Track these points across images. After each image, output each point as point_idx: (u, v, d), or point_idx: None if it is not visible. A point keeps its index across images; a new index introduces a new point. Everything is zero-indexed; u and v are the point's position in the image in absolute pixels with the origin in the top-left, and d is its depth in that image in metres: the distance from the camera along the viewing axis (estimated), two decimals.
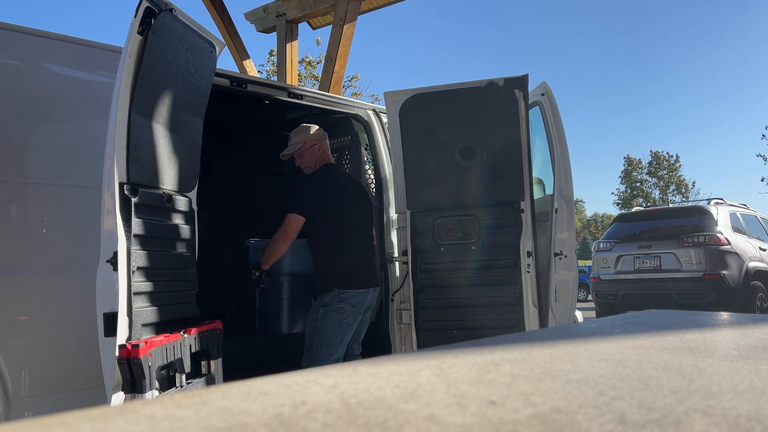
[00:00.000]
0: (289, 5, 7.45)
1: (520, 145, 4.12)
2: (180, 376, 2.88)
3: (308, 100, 4.44)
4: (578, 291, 5.45)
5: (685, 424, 0.65)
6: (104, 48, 3.53)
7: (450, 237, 4.31)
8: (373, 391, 0.82)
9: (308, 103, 4.45)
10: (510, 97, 4.15)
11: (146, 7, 2.75)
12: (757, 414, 0.69)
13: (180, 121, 3.09)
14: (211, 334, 3.15)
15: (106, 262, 2.60)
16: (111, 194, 2.63)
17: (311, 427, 0.65)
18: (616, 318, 1.86)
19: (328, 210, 3.69)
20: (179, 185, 3.10)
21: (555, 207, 4.41)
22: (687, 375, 0.91)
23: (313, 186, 3.78)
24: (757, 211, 11.31)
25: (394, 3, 7.54)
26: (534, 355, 1.11)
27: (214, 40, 3.37)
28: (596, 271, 10.54)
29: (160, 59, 2.86)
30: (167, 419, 0.67)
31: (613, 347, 1.20)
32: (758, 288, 9.59)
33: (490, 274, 4.21)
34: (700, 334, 1.40)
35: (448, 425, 0.65)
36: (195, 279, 3.18)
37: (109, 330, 2.56)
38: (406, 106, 4.33)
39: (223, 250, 5.45)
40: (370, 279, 3.82)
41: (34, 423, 0.66)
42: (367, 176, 4.70)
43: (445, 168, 4.29)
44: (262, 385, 0.84)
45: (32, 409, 3.09)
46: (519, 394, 0.79)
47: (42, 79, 3.37)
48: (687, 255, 9.47)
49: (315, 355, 3.58)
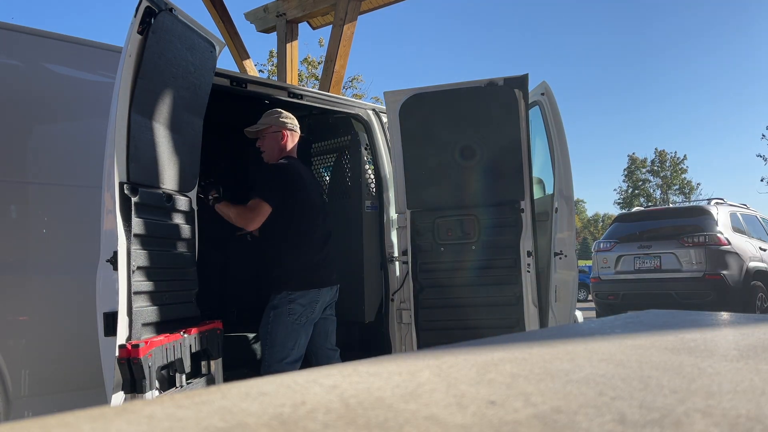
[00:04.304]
0: (289, 5, 7.45)
1: (520, 145, 4.12)
2: (180, 376, 2.88)
3: (308, 100, 4.44)
4: (578, 291, 5.45)
5: (685, 424, 0.65)
6: (104, 48, 3.53)
7: (450, 237, 4.31)
8: (373, 391, 0.82)
9: (308, 102, 4.45)
10: (510, 97, 4.15)
11: (146, 7, 2.75)
12: (757, 414, 0.69)
13: (180, 120, 3.09)
14: (211, 334, 3.15)
15: (106, 262, 2.60)
16: (111, 194, 2.63)
17: (311, 427, 0.65)
18: (616, 318, 1.86)
19: (287, 207, 3.55)
20: (179, 185, 3.10)
21: (555, 207, 4.41)
22: (687, 375, 0.91)
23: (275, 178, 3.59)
24: (757, 211, 11.31)
25: (394, 3, 7.54)
26: (534, 355, 1.11)
27: (214, 40, 3.37)
28: (596, 271, 10.53)
29: (160, 59, 2.86)
30: (167, 419, 0.67)
31: (613, 347, 1.20)
32: (758, 288, 9.58)
33: (490, 274, 4.21)
34: (700, 334, 1.40)
35: (448, 425, 0.65)
36: (195, 279, 3.17)
37: (109, 330, 2.56)
38: (406, 106, 4.33)
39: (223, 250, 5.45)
40: (323, 278, 3.64)
41: (34, 423, 0.66)
42: (367, 176, 4.69)
43: (445, 168, 4.29)
44: (262, 385, 0.84)
45: (32, 409, 3.09)
46: (519, 394, 0.79)
47: (42, 79, 3.37)
48: (687, 255, 9.47)
49: (269, 359, 3.45)
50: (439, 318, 4.24)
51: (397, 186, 4.44)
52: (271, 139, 3.72)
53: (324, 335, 3.74)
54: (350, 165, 4.83)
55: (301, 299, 3.48)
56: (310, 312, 3.53)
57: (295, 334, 3.49)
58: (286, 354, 3.46)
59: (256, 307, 4.25)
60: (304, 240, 3.62)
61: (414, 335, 4.26)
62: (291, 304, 3.47)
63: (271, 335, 3.47)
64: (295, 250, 3.60)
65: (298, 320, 3.48)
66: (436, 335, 4.18)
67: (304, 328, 3.52)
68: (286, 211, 3.55)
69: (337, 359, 3.79)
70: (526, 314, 4.13)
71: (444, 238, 4.31)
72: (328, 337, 3.77)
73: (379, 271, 4.59)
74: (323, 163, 5.36)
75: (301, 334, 3.51)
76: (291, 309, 3.46)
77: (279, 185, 3.55)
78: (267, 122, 3.73)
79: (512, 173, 4.17)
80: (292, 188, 3.57)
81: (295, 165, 3.70)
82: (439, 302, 4.25)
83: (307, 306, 3.50)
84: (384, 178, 4.63)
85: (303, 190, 3.62)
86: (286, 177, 3.59)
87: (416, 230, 4.34)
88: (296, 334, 3.49)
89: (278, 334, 3.46)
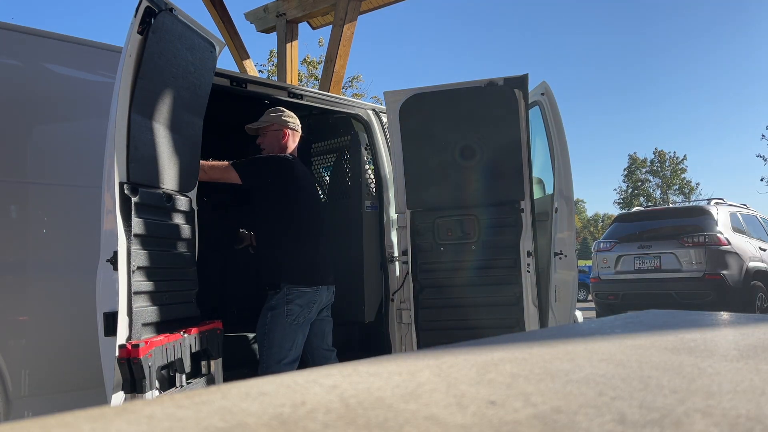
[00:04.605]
0: (289, 5, 7.45)
1: (520, 145, 4.12)
2: (180, 376, 2.88)
3: (308, 100, 4.44)
4: (578, 291, 5.45)
5: (685, 424, 0.65)
6: (104, 48, 3.53)
7: (450, 237, 4.31)
8: (373, 391, 0.82)
9: (308, 102, 4.45)
10: (510, 97, 4.15)
11: (146, 7, 2.76)
12: (757, 414, 0.69)
13: (180, 120, 3.09)
14: (211, 334, 3.15)
15: (106, 262, 2.60)
16: (111, 194, 2.63)
17: (311, 427, 0.65)
18: (616, 318, 1.86)
19: (279, 196, 3.54)
20: (179, 185, 3.10)
21: (555, 207, 4.41)
22: (687, 375, 0.91)
23: (266, 161, 3.61)
24: (757, 211, 11.31)
25: (394, 3, 7.54)
26: (534, 355, 1.11)
27: (214, 39, 3.37)
28: (596, 271, 10.53)
29: (160, 59, 2.87)
30: (167, 419, 0.67)
31: (613, 347, 1.20)
32: (758, 288, 9.58)
33: (490, 274, 4.21)
34: (700, 334, 1.40)
35: (448, 425, 0.65)
36: (195, 279, 3.17)
37: (109, 330, 2.56)
38: (406, 106, 4.33)
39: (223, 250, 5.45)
40: (321, 276, 3.63)
41: (34, 423, 0.66)
42: (367, 176, 4.69)
43: (445, 168, 4.29)
44: (262, 385, 0.84)
45: (32, 409, 3.09)
46: (519, 394, 0.79)
47: (42, 79, 3.37)
48: (687, 255, 9.47)
49: (267, 360, 3.45)
50: (439, 318, 4.23)
51: (397, 186, 4.44)
52: (272, 137, 3.72)
53: (320, 336, 3.74)
54: (350, 165, 4.83)
55: (298, 299, 3.47)
56: (308, 312, 3.52)
57: (293, 335, 3.48)
58: (284, 355, 3.45)
59: (256, 307, 4.25)
60: (301, 235, 3.62)
61: (414, 335, 4.26)
62: (289, 304, 3.45)
63: (268, 336, 3.46)
64: (293, 244, 3.59)
65: (296, 321, 3.47)
66: (436, 335, 4.18)
67: (301, 328, 3.52)
68: (283, 206, 3.55)
69: (334, 360, 3.79)
70: (526, 314, 4.13)
71: (444, 238, 4.31)
72: (325, 338, 3.77)
73: (379, 271, 4.59)
74: (323, 163, 5.36)
75: (298, 334, 3.50)
76: (289, 310, 3.45)
77: (263, 170, 3.55)
78: (269, 120, 3.73)
79: (512, 173, 4.17)
80: (279, 179, 3.55)
81: (292, 161, 3.68)
82: (439, 302, 4.25)
83: (305, 306, 3.50)
84: (384, 178, 4.63)
85: (293, 184, 3.59)
86: (274, 167, 3.58)
87: (416, 230, 4.34)
88: (294, 335, 3.48)
89: (276, 335, 3.45)
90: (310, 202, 3.73)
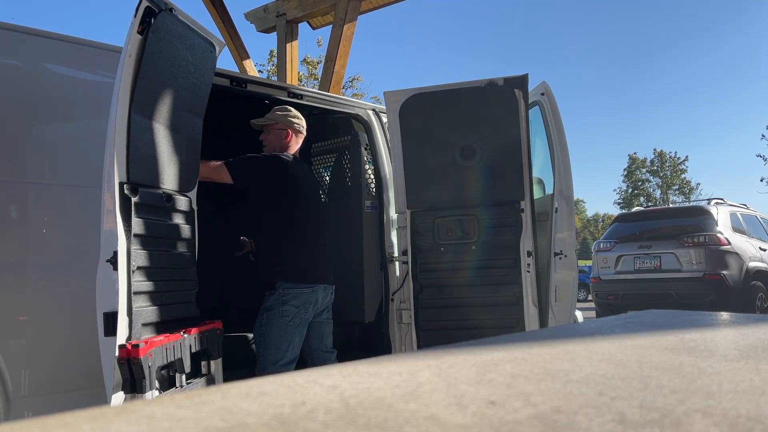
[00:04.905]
0: (289, 5, 7.45)
1: (520, 145, 4.12)
2: (180, 376, 2.88)
3: (308, 100, 4.44)
4: (578, 291, 5.45)
5: (685, 424, 0.65)
6: (104, 48, 3.53)
7: (450, 237, 4.31)
8: (373, 391, 0.82)
9: (308, 102, 4.44)
10: (510, 97, 4.15)
11: (146, 7, 2.76)
12: (757, 414, 0.68)
13: (180, 120, 3.09)
14: (211, 334, 3.15)
15: (106, 262, 2.60)
16: (111, 194, 2.63)
17: (311, 427, 0.65)
18: (616, 318, 1.86)
19: (276, 195, 3.52)
20: (179, 185, 3.10)
21: (555, 207, 4.41)
22: (687, 375, 0.91)
23: (258, 160, 3.59)
24: (757, 211, 11.31)
25: (394, 3, 7.54)
26: (534, 355, 1.11)
27: (214, 39, 3.37)
28: (596, 271, 10.54)
29: (160, 59, 2.87)
30: (167, 419, 0.67)
31: (613, 347, 1.20)
32: (758, 288, 9.59)
33: (490, 274, 4.21)
34: (700, 334, 1.40)
35: (448, 425, 0.65)
36: (195, 279, 3.17)
37: (109, 330, 2.56)
38: (406, 106, 4.33)
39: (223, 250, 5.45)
40: (318, 276, 3.59)
41: (34, 423, 0.66)
42: (367, 176, 4.69)
43: (445, 168, 4.29)
44: (262, 385, 0.84)
45: (32, 409, 3.09)
46: (519, 394, 0.79)
47: (42, 79, 3.37)
48: (687, 255, 9.47)
49: (264, 362, 3.43)
50: (439, 318, 4.23)
51: (397, 186, 4.43)
52: (275, 136, 3.72)
53: (320, 338, 3.71)
54: (350, 165, 4.83)
55: (294, 300, 3.45)
56: (304, 313, 3.49)
57: (289, 336, 3.45)
58: (281, 356, 3.43)
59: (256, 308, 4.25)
60: (298, 235, 3.60)
61: (414, 335, 4.26)
62: (284, 305, 3.43)
63: (264, 337, 3.44)
64: (290, 243, 3.57)
65: (292, 321, 3.45)
66: (436, 335, 4.18)
67: (298, 329, 3.49)
68: (280, 206, 3.54)
69: (334, 361, 3.77)
70: (526, 314, 4.13)
71: (444, 238, 4.31)
72: (324, 340, 3.75)
73: (379, 271, 4.59)
74: (323, 163, 5.36)
75: (295, 335, 3.48)
76: (284, 311, 3.43)
77: (254, 169, 3.53)
78: (274, 118, 3.73)
79: (512, 173, 4.17)
80: (271, 177, 3.52)
81: (288, 160, 3.64)
82: (439, 302, 4.25)
83: (301, 307, 3.47)
84: (384, 178, 4.63)
85: (288, 183, 3.57)
86: (266, 165, 3.56)
87: (416, 230, 4.34)
88: (290, 336, 3.46)
89: (272, 336, 3.43)
90: (309, 202, 3.71)
